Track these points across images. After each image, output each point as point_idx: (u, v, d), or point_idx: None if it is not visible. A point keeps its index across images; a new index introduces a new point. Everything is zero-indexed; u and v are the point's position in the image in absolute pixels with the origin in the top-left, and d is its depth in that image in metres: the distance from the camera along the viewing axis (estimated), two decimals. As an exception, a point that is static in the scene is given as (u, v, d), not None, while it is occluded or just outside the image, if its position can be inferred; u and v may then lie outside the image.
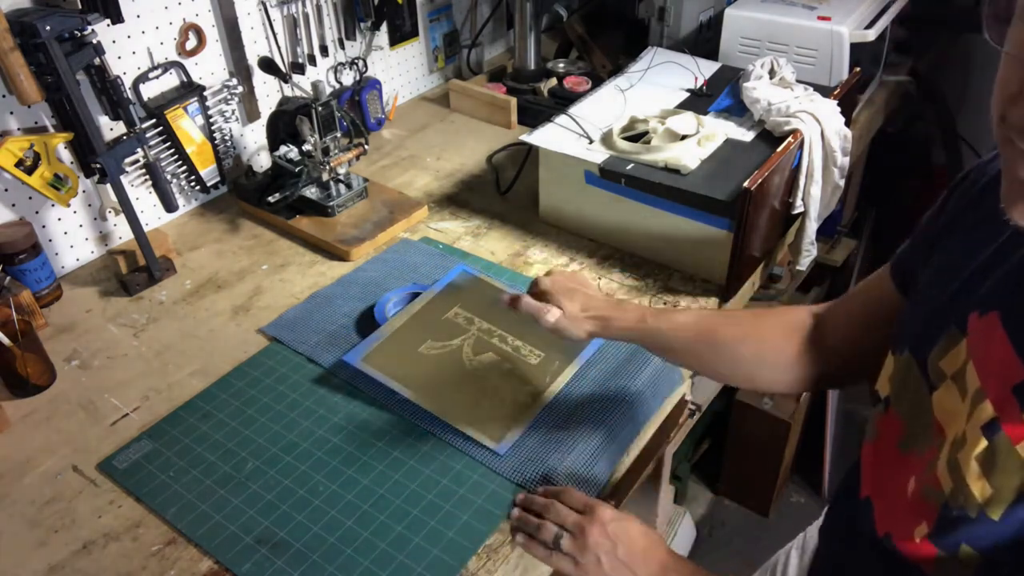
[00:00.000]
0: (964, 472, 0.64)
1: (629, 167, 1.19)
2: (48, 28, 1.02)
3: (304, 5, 1.46)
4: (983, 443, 0.62)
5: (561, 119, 1.31)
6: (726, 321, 0.96)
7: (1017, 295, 0.62)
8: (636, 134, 1.26)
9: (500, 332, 1.09)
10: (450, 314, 1.11)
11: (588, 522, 0.83)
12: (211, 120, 1.36)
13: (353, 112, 1.56)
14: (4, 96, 1.10)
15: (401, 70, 1.76)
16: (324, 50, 1.54)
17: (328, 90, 1.49)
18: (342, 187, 1.37)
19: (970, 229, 0.70)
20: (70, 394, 1.04)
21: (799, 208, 1.27)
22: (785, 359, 0.90)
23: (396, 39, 1.68)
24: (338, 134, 1.33)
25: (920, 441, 0.69)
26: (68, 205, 1.20)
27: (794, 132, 1.21)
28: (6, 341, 0.99)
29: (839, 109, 1.27)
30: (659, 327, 0.92)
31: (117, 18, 1.15)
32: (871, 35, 1.51)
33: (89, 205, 1.26)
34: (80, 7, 1.11)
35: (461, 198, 1.44)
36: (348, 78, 1.61)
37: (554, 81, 1.73)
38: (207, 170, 1.39)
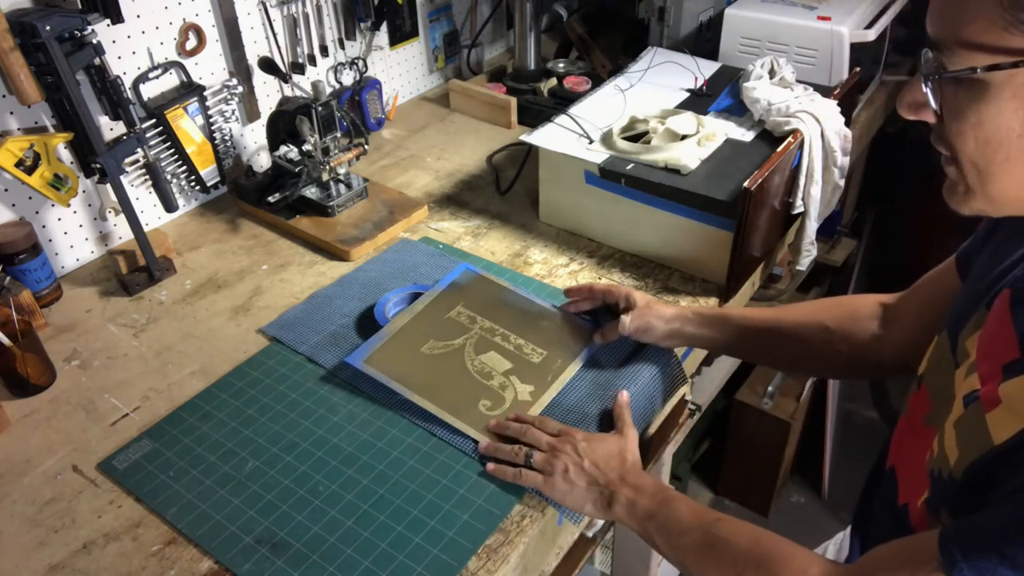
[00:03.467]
0: (945, 436, 0.67)
1: (629, 167, 1.19)
2: (48, 28, 1.02)
3: (304, 5, 1.46)
4: (960, 410, 0.65)
5: (561, 119, 1.31)
6: (792, 309, 0.99)
7: None
8: (636, 134, 1.26)
9: (502, 331, 1.09)
10: (452, 313, 1.11)
11: (561, 441, 0.87)
12: (211, 120, 1.36)
13: (353, 112, 1.56)
14: (4, 96, 1.10)
15: (401, 70, 1.76)
16: (324, 50, 1.54)
17: (328, 90, 1.50)
18: (342, 187, 1.37)
19: (1019, 220, 0.71)
20: (70, 394, 1.04)
21: (799, 208, 1.27)
22: (852, 347, 0.93)
23: (396, 39, 1.68)
24: (338, 134, 1.33)
25: (943, 415, 0.70)
26: (68, 205, 1.20)
27: (794, 132, 1.21)
28: (6, 341, 0.99)
29: (839, 109, 1.27)
30: (730, 314, 0.97)
31: (117, 18, 1.15)
32: (871, 35, 1.51)
33: (89, 205, 1.26)
34: (80, 7, 1.11)
35: (461, 198, 1.44)
36: (348, 78, 1.61)
37: (554, 81, 1.73)
38: (207, 170, 1.39)
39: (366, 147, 1.36)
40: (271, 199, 1.29)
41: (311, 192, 1.35)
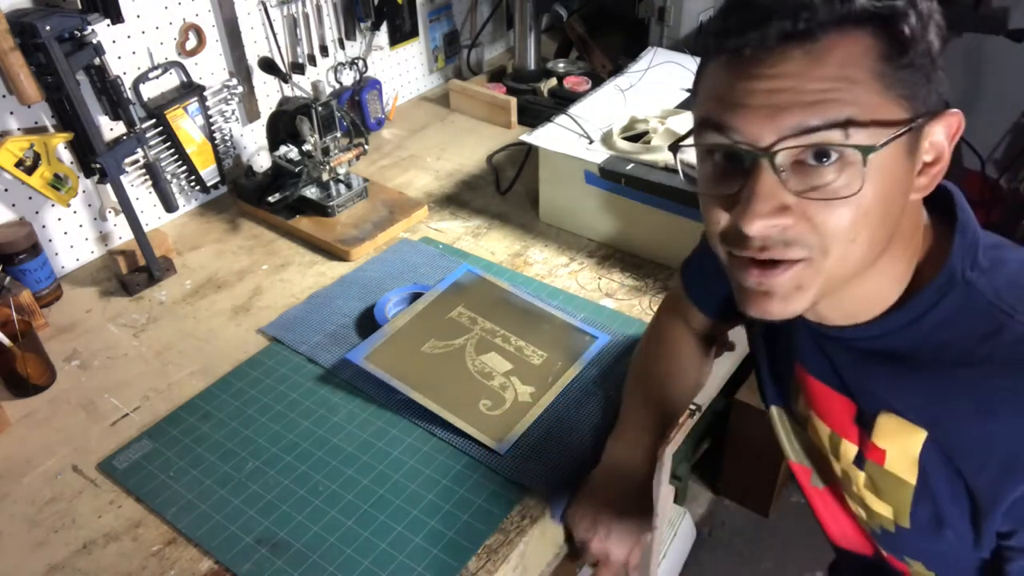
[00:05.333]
0: (868, 502, 0.73)
1: (629, 167, 1.19)
2: (48, 28, 1.02)
3: (304, 5, 1.46)
4: (862, 475, 0.72)
5: (561, 119, 1.31)
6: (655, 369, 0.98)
7: (812, 350, 0.73)
8: (636, 134, 1.26)
9: (503, 332, 1.09)
10: (453, 313, 1.11)
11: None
12: (211, 120, 1.36)
13: (353, 112, 1.56)
14: (4, 96, 1.10)
15: (401, 70, 1.76)
16: (324, 50, 1.54)
17: (328, 90, 1.50)
18: (342, 187, 1.37)
19: None
20: (70, 394, 1.04)
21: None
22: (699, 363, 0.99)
23: (396, 39, 1.68)
24: (338, 134, 1.33)
25: (847, 484, 0.77)
26: (68, 205, 1.20)
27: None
28: (6, 341, 0.99)
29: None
30: (656, 425, 0.93)
31: (117, 18, 1.15)
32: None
33: (89, 205, 1.26)
34: (80, 7, 1.11)
35: (461, 198, 1.44)
36: (348, 78, 1.61)
37: (554, 81, 1.73)
38: (207, 170, 1.38)
39: (366, 147, 1.36)
40: (271, 199, 1.29)
41: (311, 192, 1.35)
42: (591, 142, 1.26)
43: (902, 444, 0.66)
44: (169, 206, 1.26)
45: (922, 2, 0.56)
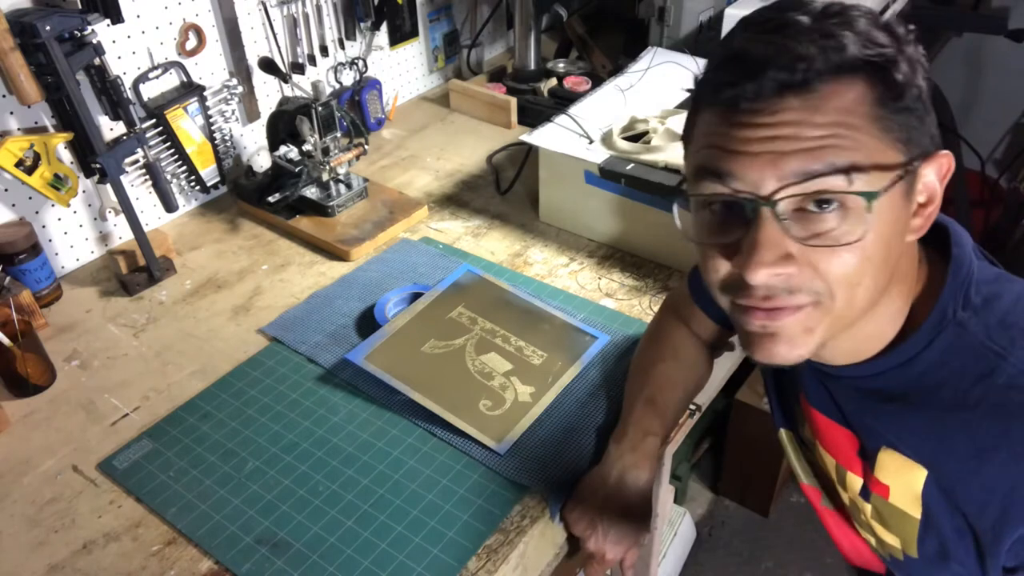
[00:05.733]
0: (875, 530, 0.74)
1: (629, 167, 1.19)
2: (48, 28, 1.02)
3: (304, 5, 1.46)
4: (868, 506, 0.73)
5: (561, 119, 1.31)
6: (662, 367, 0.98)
7: (815, 385, 0.74)
8: (636, 134, 1.26)
9: (503, 332, 1.09)
10: (453, 314, 1.11)
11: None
12: (211, 120, 1.36)
13: (353, 112, 1.56)
14: (4, 96, 1.10)
15: (401, 70, 1.76)
16: (324, 50, 1.54)
17: (328, 90, 1.50)
18: (342, 187, 1.37)
19: None
20: (70, 394, 1.04)
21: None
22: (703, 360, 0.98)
23: (396, 39, 1.68)
24: (338, 134, 1.33)
25: (832, 496, 0.80)
26: (68, 205, 1.20)
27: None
28: (6, 341, 0.99)
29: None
30: (659, 421, 0.92)
31: (117, 18, 1.15)
32: (871, 35, 1.51)
33: (89, 205, 1.26)
34: (80, 7, 1.11)
35: (461, 198, 1.44)
36: (348, 78, 1.61)
37: (554, 81, 1.73)
38: (207, 170, 1.39)
39: (366, 147, 1.36)
40: (271, 199, 1.29)
41: (311, 192, 1.35)
42: (591, 142, 1.26)
43: (904, 480, 0.66)
44: (169, 206, 1.26)
45: (909, 47, 0.56)
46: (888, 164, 0.55)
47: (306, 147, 1.30)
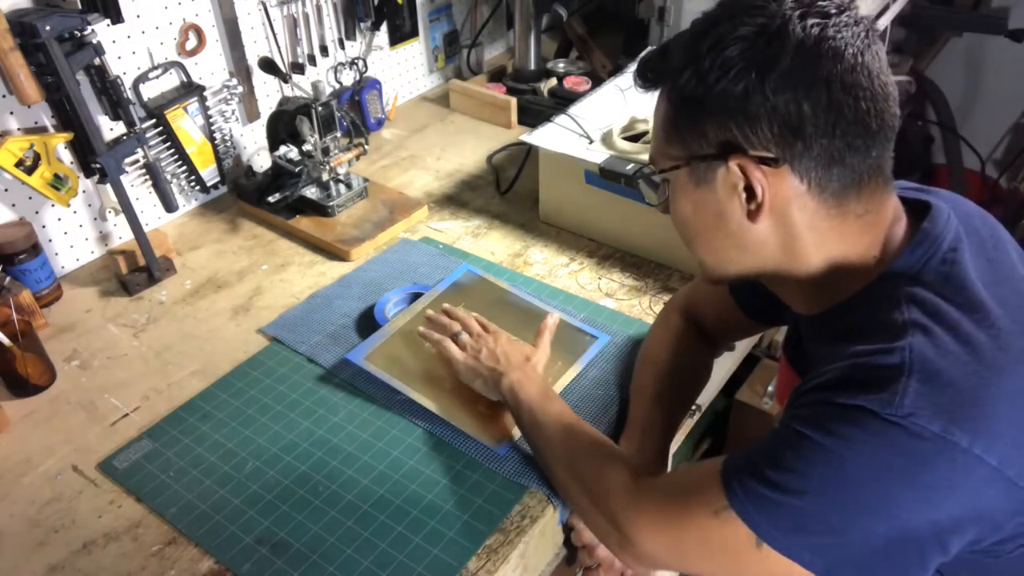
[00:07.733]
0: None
1: (629, 167, 1.19)
2: (48, 28, 1.02)
3: (304, 5, 1.46)
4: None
5: (561, 119, 1.31)
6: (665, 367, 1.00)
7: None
8: (636, 134, 1.26)
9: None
10: (450, 314, 1.11)
11: (487, 333, 0.99)
12: (211, 120, 1.36)
13: (353, 112, 1.56)
14: (4, 96, 1.10)
15: (401, 70, 1.76)
16: (324, 50, 1.54)
17: (328, 90, 1.49)
18: (342, 187, 1.37)
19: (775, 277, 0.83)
20: (70, 394, 1.04)
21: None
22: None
23: (396, 39, 1.68)
24: (338, 134, 1.33)
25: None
26: (68, 205, 1.20)
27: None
28: (6, 341, 0.99)
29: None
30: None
31: (117, 18, 1.15)
32: (871, 35, 1.51)
33: (89, 205, 1.26)
34: (80, 7, 1.11)
35: (461, 198, 1.44)
36: (348, 78, 1.61)
37: (554, 81, 1.73)
38: (207, 170, 1.39)
39: (366, 147, 1.36)
40: (271, 199, 1.29)
41: (311, 192, 1.35)
42: (591, 142, 1.26)
43: None
44: (169, 206, 1.26)
45: (710, 55, 0.62)
46: (671, 157, 0.70)
47: (306, 147, 1.30)
